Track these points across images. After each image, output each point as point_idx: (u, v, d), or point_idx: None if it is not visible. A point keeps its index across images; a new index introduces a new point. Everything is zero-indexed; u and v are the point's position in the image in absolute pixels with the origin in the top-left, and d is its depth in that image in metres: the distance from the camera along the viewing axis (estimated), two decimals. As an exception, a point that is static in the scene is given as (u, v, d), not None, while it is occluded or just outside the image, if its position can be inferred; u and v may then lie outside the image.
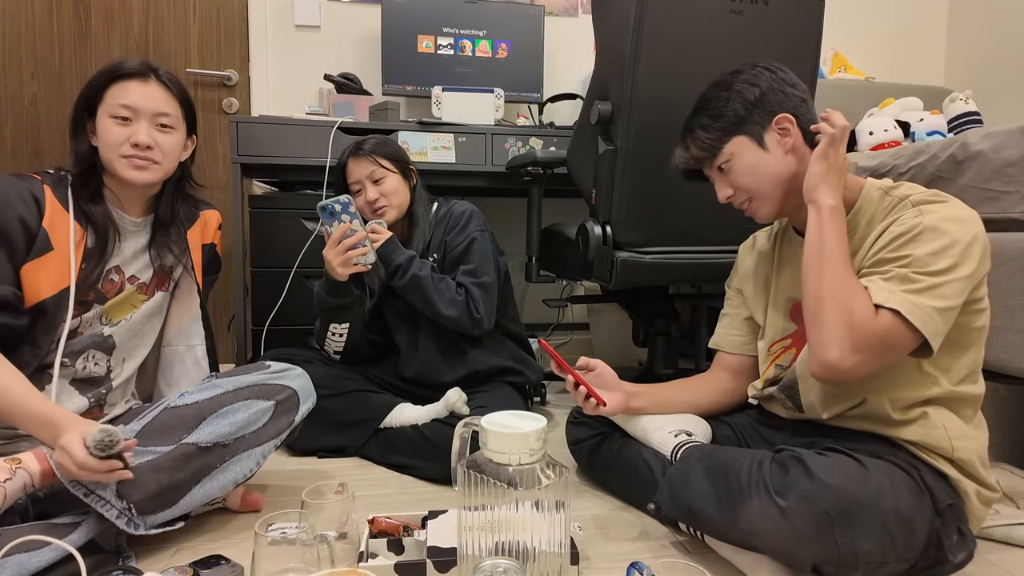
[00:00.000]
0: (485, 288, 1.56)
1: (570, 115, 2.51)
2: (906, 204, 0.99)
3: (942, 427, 0.97)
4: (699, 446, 1.12)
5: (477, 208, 1.66)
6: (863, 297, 0.92)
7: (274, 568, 0.79)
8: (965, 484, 0.97)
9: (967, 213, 0.94)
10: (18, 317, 1.07)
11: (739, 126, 1.08)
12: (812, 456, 0.91)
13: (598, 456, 1.34)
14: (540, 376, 1.73)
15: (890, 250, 0.95)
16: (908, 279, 0.92)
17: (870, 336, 0.90)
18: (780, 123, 1.06)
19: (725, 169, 1.10)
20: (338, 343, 1.59)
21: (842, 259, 0.96)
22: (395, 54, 2.37)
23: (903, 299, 0.90)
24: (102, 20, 2.38)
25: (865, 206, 1.05)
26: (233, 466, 1.11)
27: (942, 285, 0.90)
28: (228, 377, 1.19)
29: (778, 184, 1.07)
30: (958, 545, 0.95)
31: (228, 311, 2.52)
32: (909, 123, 1.96)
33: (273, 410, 1.17)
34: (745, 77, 1.08)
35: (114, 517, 0.97)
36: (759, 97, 1.07)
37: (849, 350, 0.91)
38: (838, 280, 0.94)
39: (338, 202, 1.43)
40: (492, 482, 0.75)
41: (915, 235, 0.93)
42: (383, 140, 1.60)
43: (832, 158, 1.01)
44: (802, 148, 1.06)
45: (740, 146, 1.08)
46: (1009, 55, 2.60)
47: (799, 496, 0.86)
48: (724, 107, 1.08)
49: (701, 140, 1.11)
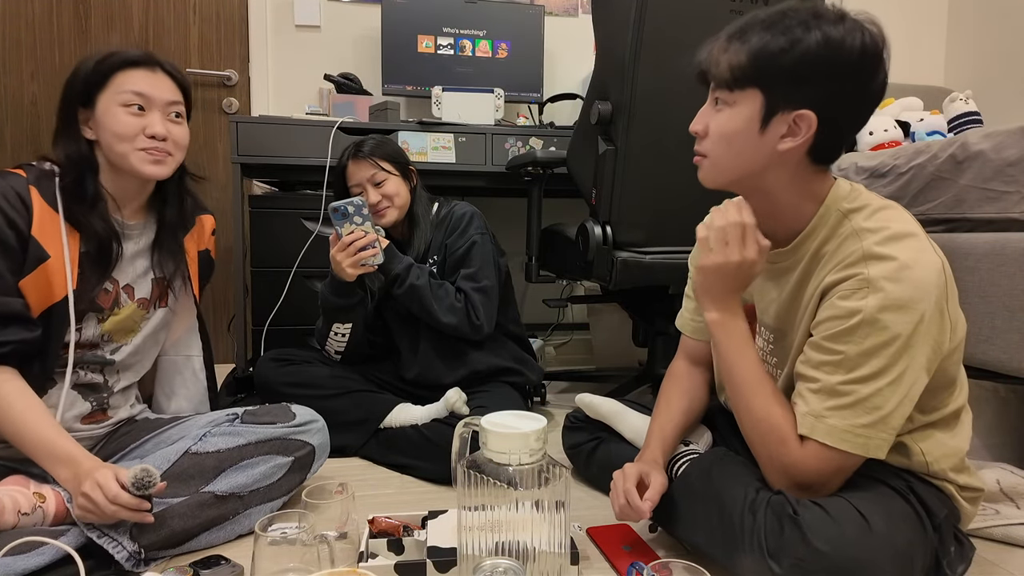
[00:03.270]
0: (485, 292, 1.56)
1: (570, 115, 2.51)
2: (855, 241, 0.87)
3: (919, 452, 0.94)
4: (698, 461, 1.06)
5: (478, 209, 1.66)
6: (788, 434, 0.89)
7: (274, 568, 0.79)
8: (947, 485, 0.95)
9: (915, 278, 0.83)
10: (32, 329, 1.03)
11: (767, 84, 0.86)
12: (806, 511, 0.85)
13: (595, 461, 1.34)
14: (540, 376, 1.73)
15: (826, 336, 0.87)
16: (835, 393, 0.86)
17: (809, 473, 0.88)
18: (799, 119, 0.86)
19: (719, 108, 0.92)
20: (340, 343, 1.59)
21: (753, 384, 0.92)
22: (395, 54, 2.37)
23: (830, 427, 0.85)
24: (102, 20, 2.38)
25: (818, 228, 0.92)
26: (242, 520, 1.09)
27: (873, 396, 0.84)
28: (252, 426, 1.15)
29: (740, 168, 0.92)
30: (957, 558, 0.93)
31: (228, 311, 2.52)
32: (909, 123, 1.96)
33: (290, 466, 1.15)
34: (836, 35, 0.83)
35: (124, 560, 0.96)
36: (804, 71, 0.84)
37: (797, 488, 0.89)
38: (759, 415, 0.91)
39: (352, 204, 1.42)
40: (492, 482, 0.75)
41: (851, 327, 0.84)
42: (382, 141, 1.60)
43: (711, 269, 0.94)
44: (799, 158, 0.90)
45: (749, 103, 0.88)
46: (1009, 55, 2.60)
47: (793, 564, 0.82)
48: (789, 50, 0.84)
49: (723, 67, 0.89)
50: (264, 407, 1.21)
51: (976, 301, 1.33)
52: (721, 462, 1.02)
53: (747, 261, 0.92)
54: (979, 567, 1.02)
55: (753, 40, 0.86)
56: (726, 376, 0.97)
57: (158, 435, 1.17)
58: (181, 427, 1.18)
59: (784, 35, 0.85)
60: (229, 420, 1.16)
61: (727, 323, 0.96)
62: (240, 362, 2.03)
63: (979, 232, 1.38)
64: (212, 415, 1.20)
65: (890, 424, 0.85)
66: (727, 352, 0.96)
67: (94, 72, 1.08)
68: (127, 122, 1.08)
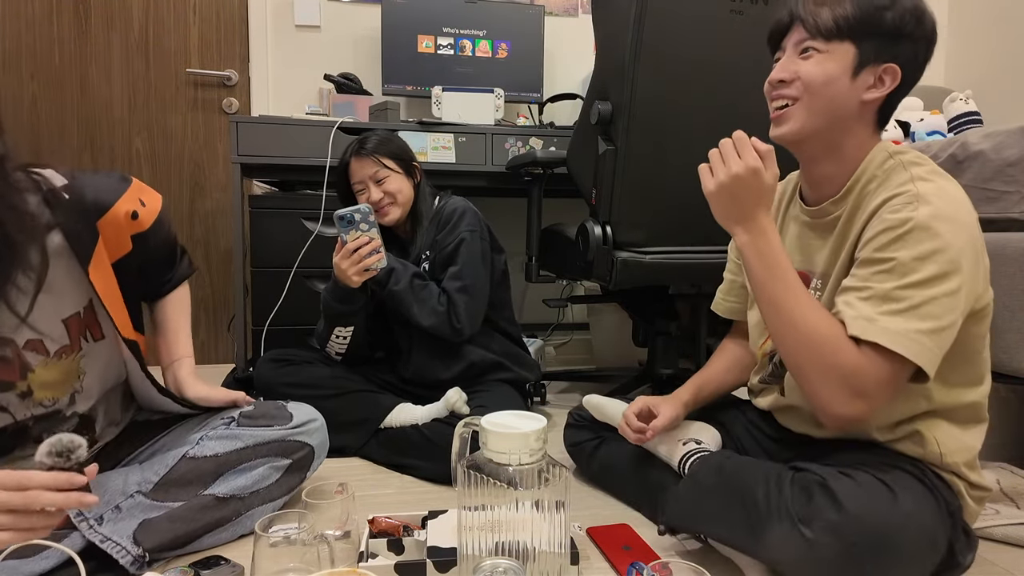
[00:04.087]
0: (467, 292, 1.53)
1: (570, 115, 2.51)
2: (902, 171, 0.91)
3: (934, 441, 0.93)
4: (708, 458, 1.06)
5: (472, 205, 1.64)
6: (840, 340, 0.85)
7: (274, 568, 0.79)
8: (956, 480, 0.96)
9: (962, 210, 0.86)
10: None
11: (862, 37, 0.92)
12: (836, 479, 0.85)
13: (597, 459, 1.33)
14: (537, 374, 1.72)
15: (876, 247, 0.87)
16: (889, 298, 0.83)
17: (868, 378, 0.83)
18: (886, 72, 0.93)
19: (807, 55, 0.95)
20: (341, 345, 1.59)
21: (793, 300, 0.89)
22: (395, 54, 2.37)
23: (883, 329, 0.82)
24: (102, 20, 2.38)
25: (868, 168, 0.96)
26: (244, 521, 1.09)
27: (928, 303, 0.82)
28: (249, 428, 1.12)
29: (830, 113, 0.94)
30: (965, 546, 0.93)
31: (228, 311, 2.52)
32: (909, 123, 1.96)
33: (288, 467, 1.15)
34: (922, 5, 0.92)
35: (128, 563, 0.96)
36: (901, 28, 0.91)
37: (852, 397, 0.84)
38: (805, 329, 0.87)
39: (358, 211, 1.42)
40: (492, 482, 0.75)
41: (903, 233, 0.84)
42: (386, 138, 1.59)
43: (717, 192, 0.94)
44: (873, 111, 0.96)
45: (843, 55, 0.93)
46: (1009, 55, 2.60)
47: (825, 527, 0.81)
48: (891, 8, 0.91)
49: (824, 17, 0.93)
50: (261, 406, 1.19)
51: (976, 301, 1.33)
52: (731, 459, 1.02)
53: (750, 168, 0.92)
54: (979, 567, 1.02)
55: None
56: (765, 303, 0.92)
57: (152, 444, 1.16)
58: (175, 433, 1.17)
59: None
60: (225, 423, 1.14)
61: (756, 242, 0.93)
62: (240, 362, 2.03)
63: (979, 232, 1.38)
64: (206, 418, 1.17)
65: (944, 338, 0.83)
66: (760, 273, 0.92)
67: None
68: None
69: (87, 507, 0.86)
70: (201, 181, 2.51)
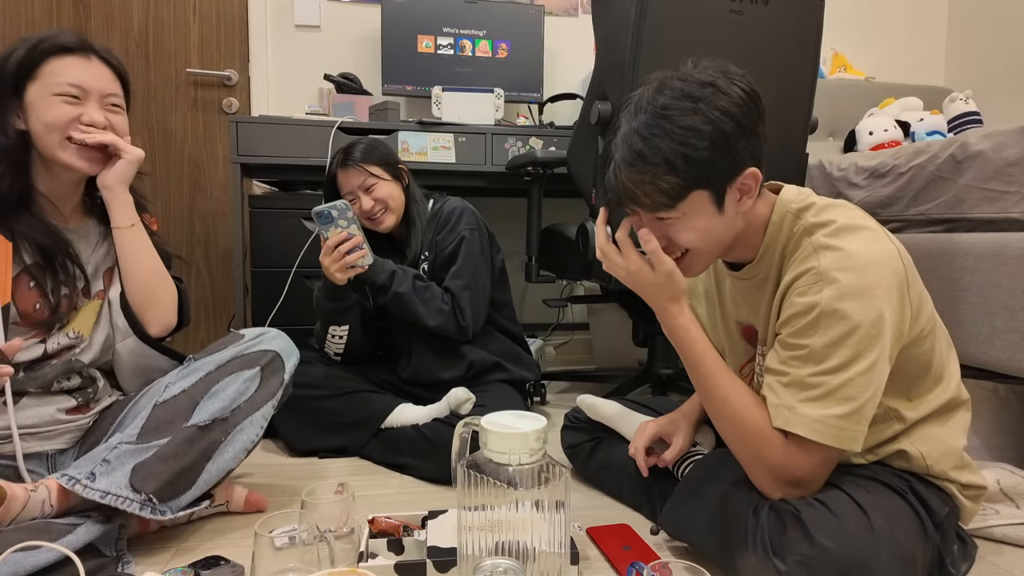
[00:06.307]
0: (471, 290, 1.54)
1: (570, 115, 2.51)
2: (805, 238, 0.89)
3: (919, 455, 0.94)
4: (702, 462, 1.07)
5: (469, 205, 1.64)
6: (766, 431, 0.88)
7: (274, 568, 0.79)
8: (947, 485, 0.95)
9: (871, 265, 0.84)
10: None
11: (707, 178, 0.86)
12: (808, 508, 0.85)
13: (594, 460, 1.33)
14: (537, 373, 1.73)
15: (789, 332, 0.88)
16: (806, 385, 0.85)
17: (793, 469, 0.87)
18: (746, 179, 0.89)
19: (667, 223, 0.91)
20: (338, 345, 1.59)
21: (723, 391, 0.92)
22: (395, 54, 2.37)
23: (803, 418, 0.84)
24: (102, 20, 2.38)
25: (776, 234, 0.94)
26: (238, 436, 1.10)
27: (843, 386, 0.83)
28: (205, 357, 1.15)
29: (722, 246, 0.95)
30: (960, 556, 0.93)
31: (228, 311, 2.52)
32: (909, 123, 1.96)
33: (260, 375, 1.15)
34: (723, 104, 0.85)
35: (137, 510, 0.96)
36: (733, 136, 0.85)
37: (787, 486, 0.88)
38: (734, 420, 0.91)
39: (335, 207, 1.42)
40: (492, 482, 0.75)
41: (812, 320, 0.85)
42: (370, 146, 1.58)
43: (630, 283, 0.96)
44: (751, 205, 0.93)
45: (698, 203, 0.88)
46: (1009, 55, 2.60)
47: (797, 561, 0.82)
48: (699, 144, 0.84)
49: (661, 185, 0.86)
50: (215, 343, 1.21)
51: (976, 301, 1.34)
52: (724, 465, 1.02)
53: (630, 271, 0.96)
54: (979, 567, 1.02)
55: (665, 149, 0.85)
56: (697, 388, 0.97)
57: (130, 408, 1.16)
58: (148, 394, 1.17)
59: (691, 124, 0.84)
60: (183, 366, 1.16)
61: (672, 331, 0.97)
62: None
63: (979, 232, 1.38)
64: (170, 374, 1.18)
65: (863, 415, 0.85)
66: (686, 360, 0.96)
67: (20, 60, 1.01)
68: (62, 111, 1.01)
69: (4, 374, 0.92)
70: (201, 181, 2.51)
